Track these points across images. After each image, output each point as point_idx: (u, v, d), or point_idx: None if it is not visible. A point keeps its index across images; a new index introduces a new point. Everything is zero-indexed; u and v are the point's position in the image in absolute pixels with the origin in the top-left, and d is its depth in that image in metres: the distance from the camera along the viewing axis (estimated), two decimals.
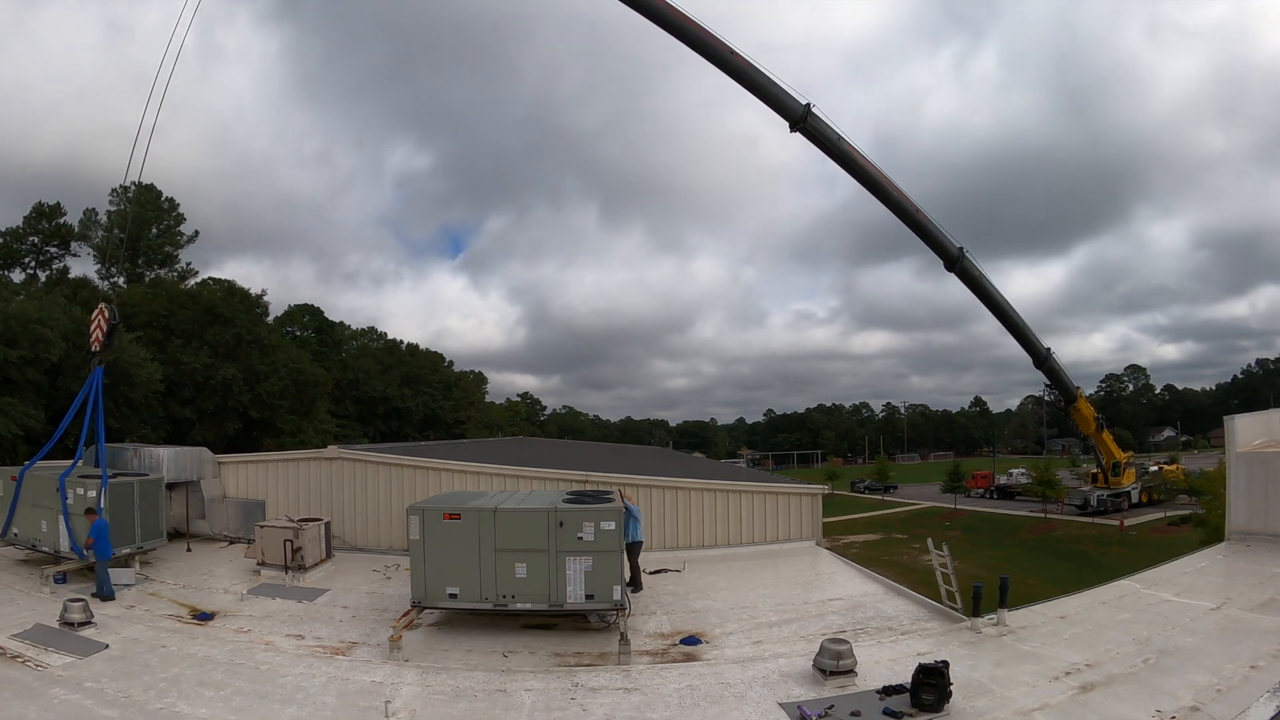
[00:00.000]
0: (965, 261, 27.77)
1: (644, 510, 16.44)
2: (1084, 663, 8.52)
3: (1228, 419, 15.60)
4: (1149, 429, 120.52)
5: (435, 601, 10.51)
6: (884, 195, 25.31)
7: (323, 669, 9.13)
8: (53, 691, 8.08)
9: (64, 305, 36.90)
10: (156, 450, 17.56)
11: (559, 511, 10.38)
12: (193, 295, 47.30)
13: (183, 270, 54.43)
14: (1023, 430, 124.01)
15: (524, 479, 16.90)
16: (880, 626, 10.63)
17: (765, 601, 12.10)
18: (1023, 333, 32.39)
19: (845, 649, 8.46)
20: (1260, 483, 14.12)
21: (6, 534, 14.46)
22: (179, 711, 7.71)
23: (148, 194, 50.37)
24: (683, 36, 21.21)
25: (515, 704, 8.04)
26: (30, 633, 10.00)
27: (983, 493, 61.56)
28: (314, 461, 18.09)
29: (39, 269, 49.90)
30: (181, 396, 42.81)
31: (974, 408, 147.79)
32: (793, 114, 22.67)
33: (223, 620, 11.22)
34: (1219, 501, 23.40)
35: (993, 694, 7.80)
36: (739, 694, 8.18)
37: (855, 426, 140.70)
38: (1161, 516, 42.29)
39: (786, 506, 16.91)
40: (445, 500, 11.82)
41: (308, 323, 71.10)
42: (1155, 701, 7.31)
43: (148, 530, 14.49)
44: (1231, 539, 14.32)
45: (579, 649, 9.80)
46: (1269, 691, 7.31)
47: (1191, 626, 9.65)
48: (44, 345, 32.86)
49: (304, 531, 13.96)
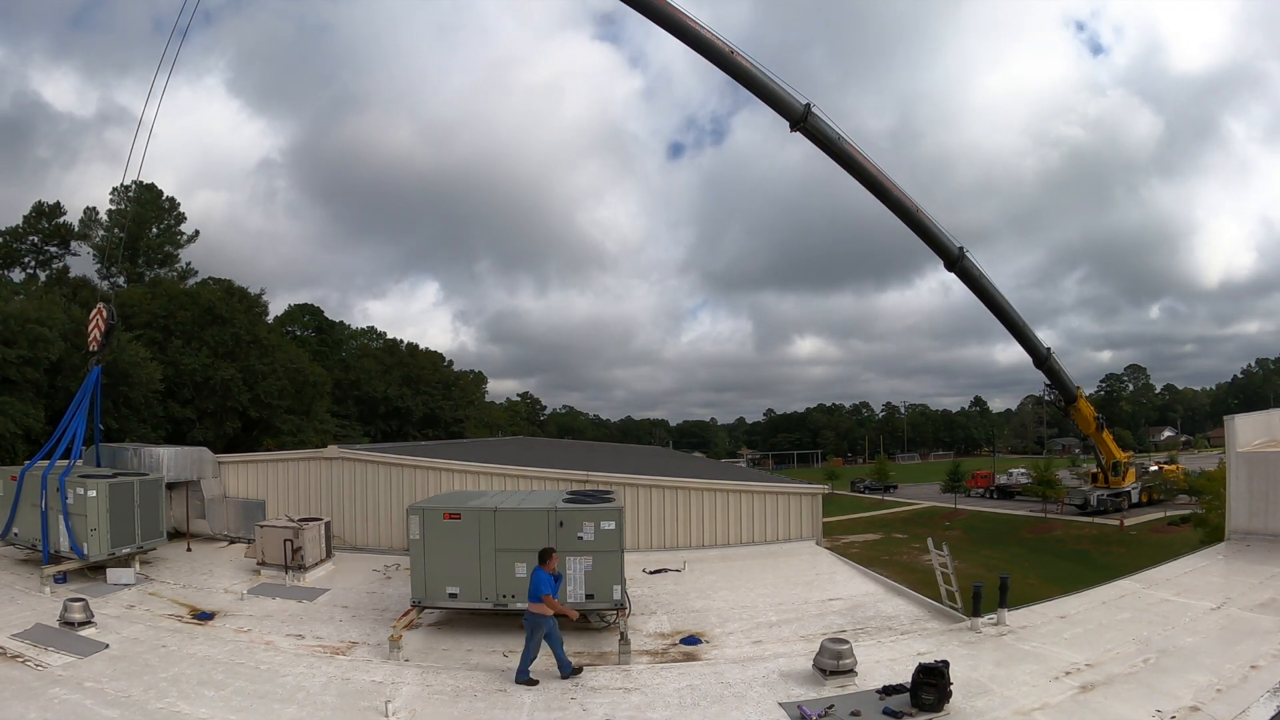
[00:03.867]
0: (965, 261, 27.78)
1: (644, 510, 16.52)
2: (1084, 662, 8.52)
3: (1228, 419, 15.62)
4: (1149, 429, 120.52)
5: (435, 601, 10.51)
6: (884, 195, 25.30)
7: (323, 669, 9.14)
8: (53, 691, 8.07)
9: (63, 305, 36.86)
10: (156, 450, 17.56)
11: (559, 511, 10.39)
12: (192, 295, 47.23)
13: (183, 270, 54.38)
14: (1023, 430, 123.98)
15: (524, 479, 16.91)
16: (880, 626, 10.63)
17: (765, 601, 12.10)
18: (1023, 332, 32.39)
19: (845, 649, 8.45)
20: (1260, 483, 14.12)
21: (7, 534, 14.47)
22: (179, 711, 7.71)
23: (148, 193, 50.35)
24: (683, 36, 21.19)
25: (515, 704, 8.04)
26: (30, 633, 10.00)
27: (983, 492, 61.47)
28: (314, 461, 18.10)
29: (39, 268, 49.84)
30: (181, 396, 42.75)
31: (974, 408, 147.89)
32: (793, 113, 22.66)
33: (223, 620, 11.22)
34: (1219, 501, 23.41)
35: (993, 694, 7.80)
36: (739, 694, 8.18)
37: (855, 426, 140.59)
38: (1161, 516, 42.25)
39: (786, 506, 16.91)
40: (445, 500, 11.83)
41: (308, 322, 71.08)
42: (1155, 701, 7.31)
43: (148, 530, 14.50)
44: (1231, 539, 14.33)
45: (579, 649, 9.80)
46: (1269, 691, 7.32)
47: (1191, 626, 9.66)
48: (43, 345, 32.81)
49: (304, 531, 13.96)
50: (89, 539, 13.21)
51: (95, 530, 13.27)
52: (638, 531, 16.07)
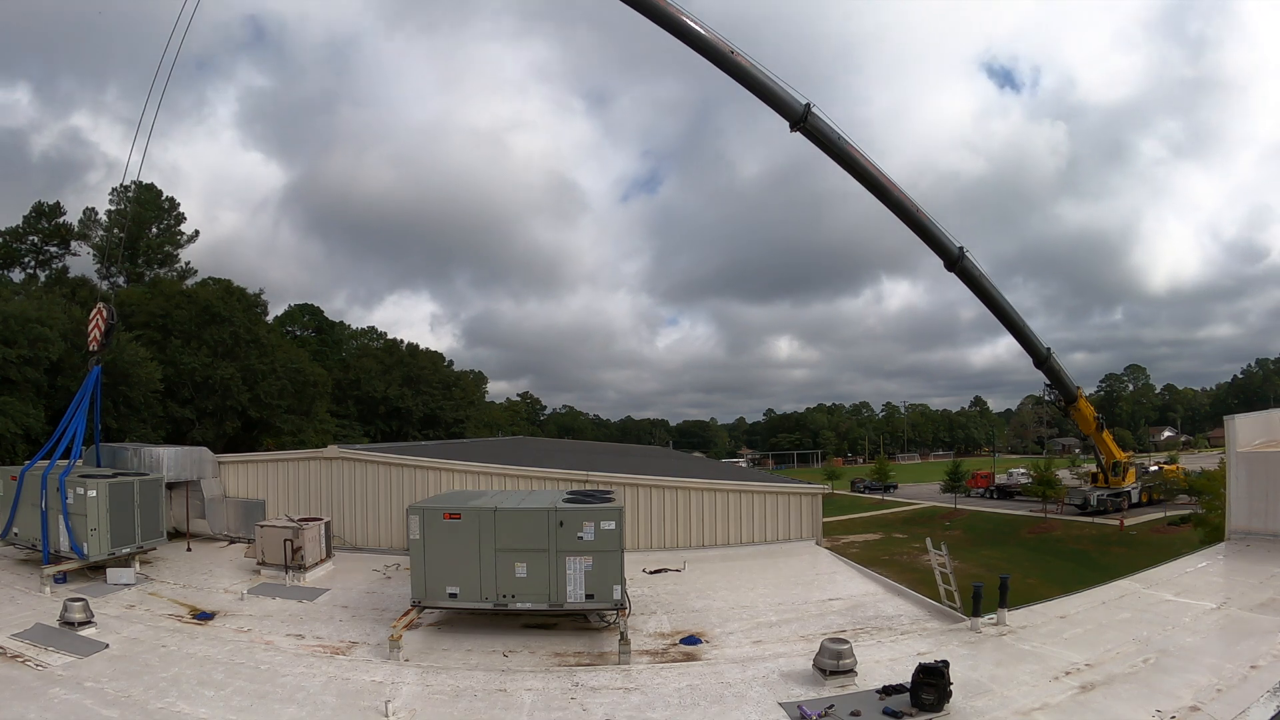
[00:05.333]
0: (965, 261, 27.75)
1: (644, 510, 16.53)
2: (1084, 662, 8.52)
3: (1228, 419, 15.61)
4: (1149, 429, 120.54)
5: (435, 601, 10.50)
6: (884, 195, 25.29)
7: (323, 669, 9.13)
8: (53, 691, 8.07)
9: (63, 305, 36.90)
10: (156, 450, 17.56)
11: (559, 511, 10.38)
12: (191, 295, 47.24)
13: (182, 270, 54.42)
14: (1023, 430, 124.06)
15: (524, 479, 16.90)
16: (880, 626, 10.63)
17: (765, 601, 12.09)
18: (1023, 332, 32.39)
19: (845, 649, 8.45)
20: (1260, 483, 14.12)
21: (7, 534, 14.47)
22: (179, 711, 7.71)
23: (148, 194, 50.37)
24: (683, 36, 21.19)
25: (515, 704, 8.04)
26: (30, 632, 9.99)
27: (983, 492, 61.46)
28: (314, 461, 18.10)
29: (39, 268, 49.91)
30: (181, 396, 42.78)
31: (974, 408, 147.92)
32: (793, 113, 22.65)
33: (223, 620, 11.22)
34: (1219, 501, 23.42)
35: (993, 694, 7.80)
36: (739, 693, 8.18)
37: (855, 426, 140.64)
38: (1161, 516, 42.25)
39: (786, 506, 16.91)
40: (445, 500, 11.82)
41: (307, 322, 71.16)
42: (1155, 701, 7.31)
43: (148, 530, 14.50)
44: (1231, 539, 14.32)
45: (579, 649, 9.80)
46: (1269, 691, 7.31)
47: (1192, 626, 9.66)
48: (43, 345, 32.86)
49: (304, 531, 13.95)
50: (89, 539, 13.21)
51: (95, 530, 13.26)
52: (638, 531, 16.06)
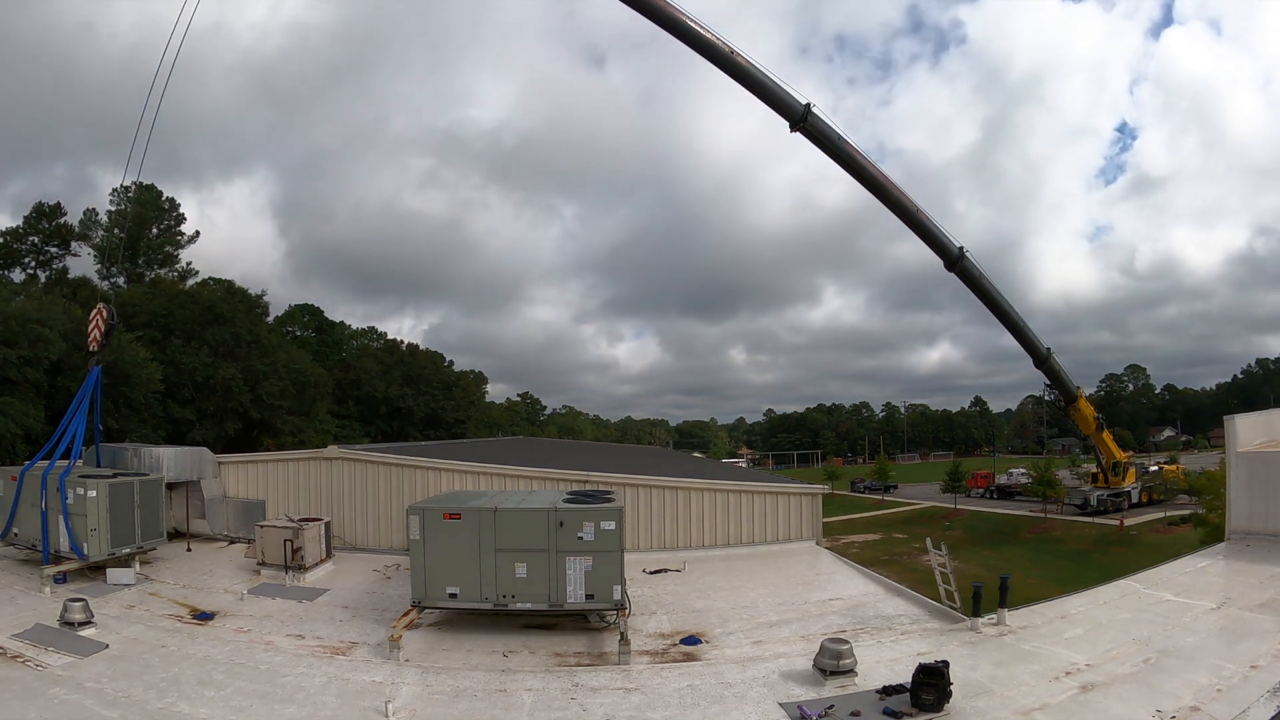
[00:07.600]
0: (966, 261, 27.72)
1: (644, 510, 16.53)
2: (1084, 663, 8.52)
3: (1228, 419, 15.59)
4: (1149, 429, 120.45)
5: (435, 601, 10.51)
6: (884, 195, 25.28)
7: (323, 669, 9.13)
8: (53, 691, 8.08)
9: (64, 305, 36.85)
10: (157, 450, 17.57)
11: (559, 511, 10.38)
12: (192, 295, 47.24)
13: (183, 270, 54.41)
14: (1023, 430, 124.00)
15: (524, 479, 16.90)
16: (880, 626, 10.63)
17: (765, 601, 12.10)
18: (1023, 332, 32.33)
19: (845, 649, 8.46)
20: (1260, 483, 14.12)
21: (7, 534, 14.47)
22: (179, 711, 7.72)
23: (148, 194, 50.36)
24: (684, 36, 21.17)
25: (515, 704, 8.04)
26: (30, 633, 10.00)
27: (983, 492, 61.40)
28: (314, 461, 18.10)
29: (39, 269, 49.85)
30: (181, 397, 42.75)
31: (974, 408, 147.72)
32: (793, 114, 22.63)
33: (223, 620, 11.22)
34: (1219, 501, 23.39)
35: (993, 694, 7.80)
36: (739, 694, 8.18)
37: (855, 426, 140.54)
38: (1161, 516, 42.19)
39: (786, 506, 16.90)
40: (445, 500, 11.82)
41: (308, 323, 71.08)
42: (1155, 701, 7.31)
43: (148, 530, 14.50)
44: (1231, 539, 14.32)
45: (579, 649, 9.81)
46: (1269, 691, 7.32)
47: (1192, 626, 9.65)
48: (43, 345, 32.83)
49: (304, 531, 13.96)
50: (89, 539, 13.22)
51: (95, 530, 13.28)
52: (638, 531, 16.06)
